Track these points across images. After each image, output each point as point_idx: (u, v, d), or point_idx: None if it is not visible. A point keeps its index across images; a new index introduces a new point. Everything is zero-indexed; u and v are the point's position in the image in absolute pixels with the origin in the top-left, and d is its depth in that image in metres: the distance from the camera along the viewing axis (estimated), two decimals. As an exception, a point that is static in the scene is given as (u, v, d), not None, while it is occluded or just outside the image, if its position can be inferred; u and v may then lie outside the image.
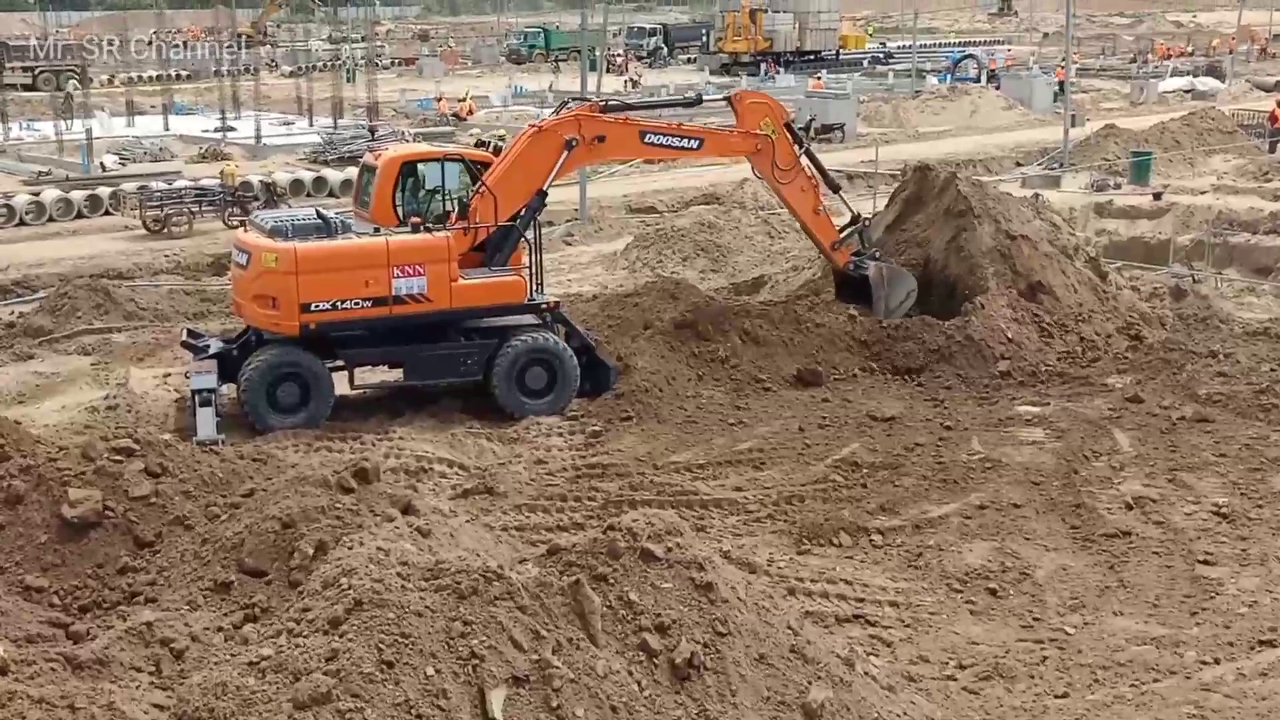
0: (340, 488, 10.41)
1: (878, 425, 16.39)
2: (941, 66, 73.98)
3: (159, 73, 74.76)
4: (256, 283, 16.59)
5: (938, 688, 10.26)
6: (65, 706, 7.11)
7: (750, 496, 14.29)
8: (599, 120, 18.37)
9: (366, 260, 16.55)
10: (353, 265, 16.52)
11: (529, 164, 17.84)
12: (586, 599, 8.08)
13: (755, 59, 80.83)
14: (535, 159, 17.86)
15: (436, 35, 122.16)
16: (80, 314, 22.30)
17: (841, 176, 38.76)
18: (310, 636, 7.64)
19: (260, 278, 16.51)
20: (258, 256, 16.53)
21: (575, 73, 40.12)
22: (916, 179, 21.44)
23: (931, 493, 14.26)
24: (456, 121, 52.97)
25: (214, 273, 27.85)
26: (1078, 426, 16.05)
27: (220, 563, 9.96)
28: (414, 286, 16.62)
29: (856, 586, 12.10)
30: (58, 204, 33.39)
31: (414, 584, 7.91)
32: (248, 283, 16.81)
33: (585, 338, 17.87)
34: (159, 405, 17.39)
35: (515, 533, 13.01)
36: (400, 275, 16.53)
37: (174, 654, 8.71)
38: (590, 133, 18.10)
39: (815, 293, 20.53)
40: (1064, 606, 11.80)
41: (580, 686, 7.65)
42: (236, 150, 44.24)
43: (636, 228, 30.76)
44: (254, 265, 16.57)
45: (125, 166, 40.02)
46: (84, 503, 10.53)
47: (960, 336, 18.58)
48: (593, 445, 15.98)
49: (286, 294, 16.30)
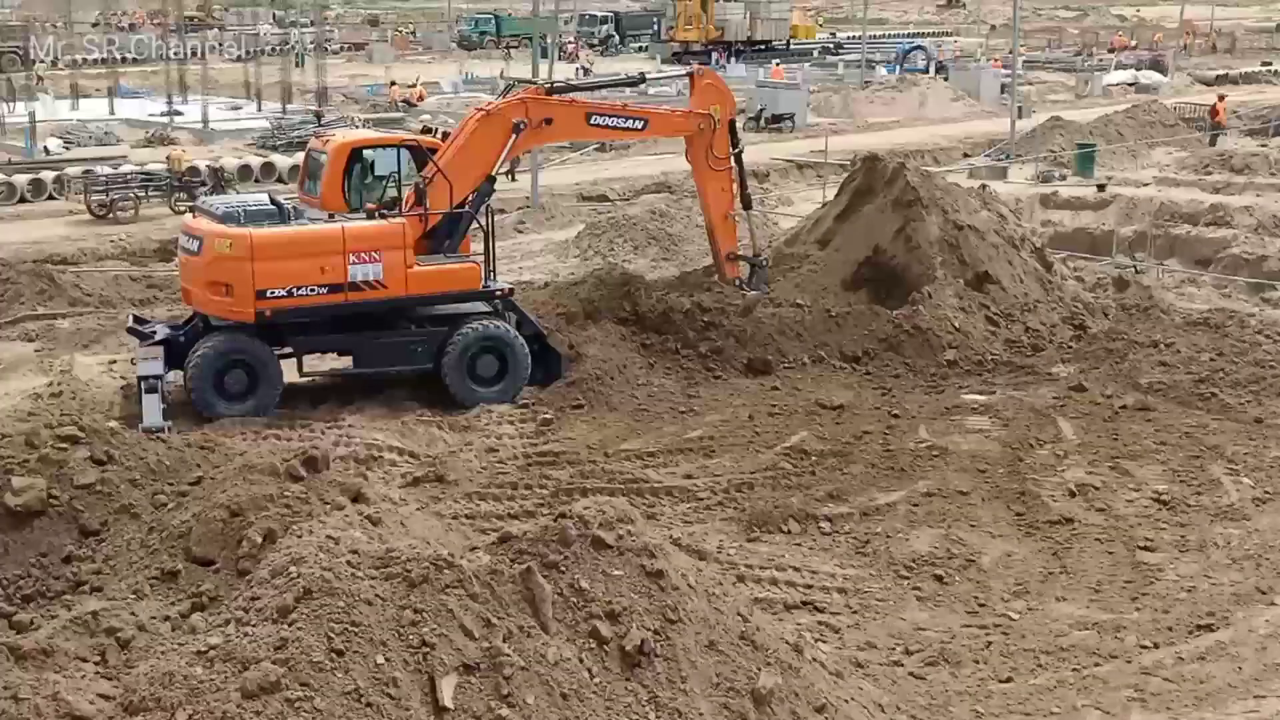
0: (289, 476, 10.35)
1: (826, 413, 16.51)
2: (891, 58, 74.37)
3: (104, 55, 73.73)
4: (209, 269, 16.42)
5: (885, 673, 10.38)
6: (9, 697, 7.04)
7: (700, 484, 14.37)
8: (546, 102, 18.35)
9: (323, 246, 16.45)
10: (309, 252, 16.41)
11: (478, 148, 17.79)
12: (537, 587, 8.10)
13: (706, 48, 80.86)
14: (483, 143, 17.81)
15: (386, 20, 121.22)
16: (24, 300, 22.03)
17: (791, 166, 39.18)
18: (259, 625, 7.61)
19: (213, 264, 16.34)
20: (210, 242, 16.37)
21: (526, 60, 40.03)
22: (865, 169, 21.57)
23: (879, 480, 14.39)
24: (407, 108, 52.63)
25: (160, 259, 27.55)
26: (1023, 415, 16.24)
27: (168, 551, 9.88)
28: (370, 273, 16.54)
29: (805, 573, 12.20)
30: (0, 188, 32.89)
31: (364, 572, 7.89)
32: (199, 269, 16.62)
33: (536, 326, 17.86)
34: (104, 392, 17.19)
35: (466, 521, 13.00)
36: (357, 262, 16.45)
37: (120, 643, 8.63)
38: (537, 115, 18.08)
39: (765, 282, 20.58)
40: (1008, 592, 11.96)
41: (531, 674, 7.68)
42: (184, 135, 43.73)
43: (588, 216, 30.77)
44: (207, 251, 16.40)
45: (70, 150, 39.45)
46: (28, 491, 10.40)
47: (908, 325, 18.75)
48: (544, 433, 15.99)
49: (242, 281, 16.16)
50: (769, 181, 37.34)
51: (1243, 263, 26.62)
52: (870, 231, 20.46)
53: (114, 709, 7.35)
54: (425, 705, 7.38)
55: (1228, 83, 61.25)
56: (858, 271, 20.12)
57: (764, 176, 37.88)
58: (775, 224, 28.88)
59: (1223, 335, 19.30)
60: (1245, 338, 19.13)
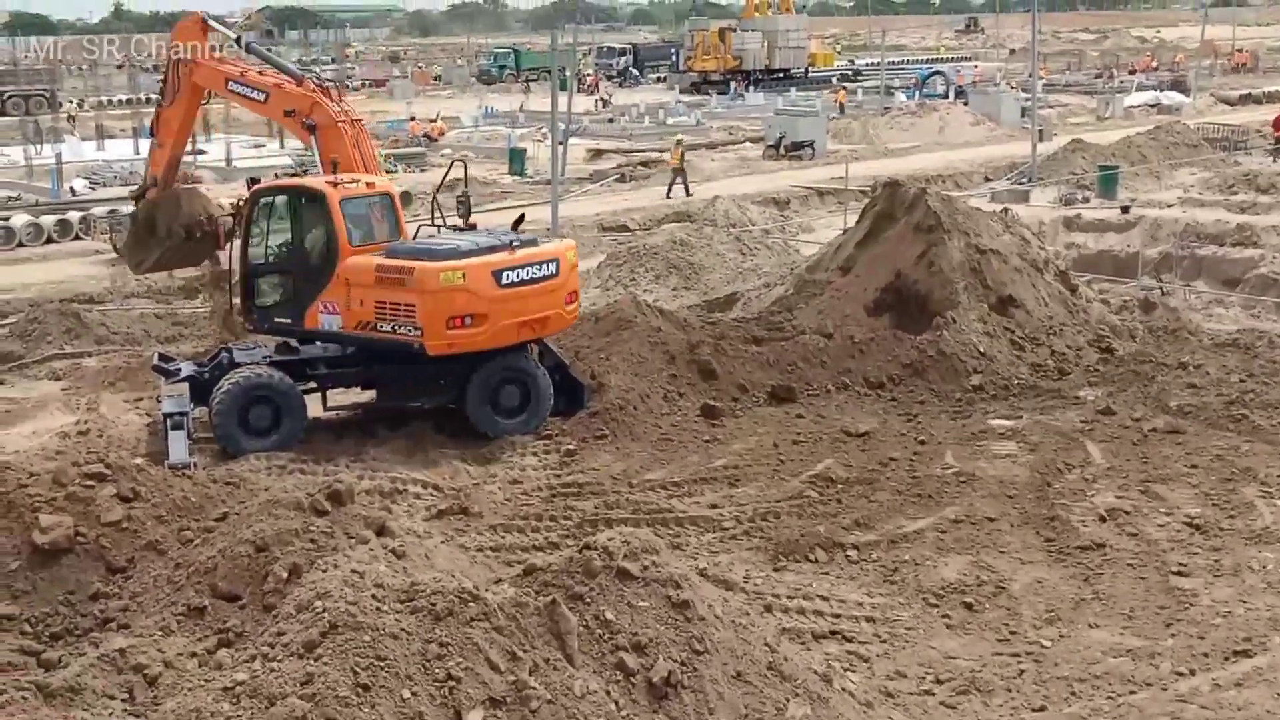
0: (314, 510, 10.36)
1: (852, 440, 16.42)
2: (910, 83, 74.47)
3: (129, 96, 74.38)
4: (568, 283, 17.17)
5: (915, 702, 10.27)
6: (37, 736, 7.04)
7: (726, 513, 14.29)
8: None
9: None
10: None
11: None
12: (563, 619, 8.06)
13: (724, 77, 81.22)
14: None
15: (407, 57, 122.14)
16: (51, 339, 22.14)
17: (812, 193, 39.21)
18: (285, 660, 7.59)
19: (571, 277, 17.23)
20: (566, 262, 17.03)
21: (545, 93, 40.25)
22: (886, 195, 21.51)
23: (906, 507, 14.28)
24: (428, 142, 52.96)
25: (185, 296, 27.70)
26: (1050, 439, 16.12)
27: (194, 588, 9.89)
28: None
29: (833, 602, 12.09)
30: (27, 229, 33.12)
31: (389, 606, 7.88)
32: (559, 288, 17.02)
33: (558, 356, 17.86)
34: (131, 430, 17.25)
35: (490, 553, 12.96)
36: None
37: (147, 680, 8.63)
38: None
39: (788, 309, 20.57)
40: (1039, 619, 11.82)
41: (558, 707, 7.63)
42: (207, 174, 44.03)
43: (609, 246, 30.81)
44: (564, 270, 16.97)
45: (95, 191, 39.78)
46: (55, 529, 10.44)
47: (932, 351, 18.66)
48: (567, 464, 15.94)
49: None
50: (790, 209, 37.36)
51: (1271, 282, 26.41)
52: (892, 257, 20.40)
53: (141, 747, 7.34)
54: (452, 740, 7.34)
55: (1251, 102, 61.10)
56: (880, 297, 20.04)
57: (785, 204, 37.93)
58: (796, 251, 28.88)
59: (1252, 356, 19.14)
60: (1275, 358, 18.95)
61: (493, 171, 46.56)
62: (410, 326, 16.20)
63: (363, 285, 16.45)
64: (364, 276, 16.47)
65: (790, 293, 21.48)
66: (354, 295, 16.52)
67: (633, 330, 18.63)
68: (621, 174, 44.92)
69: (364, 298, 16.46)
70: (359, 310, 16.52)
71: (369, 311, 16.45)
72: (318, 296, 16.80)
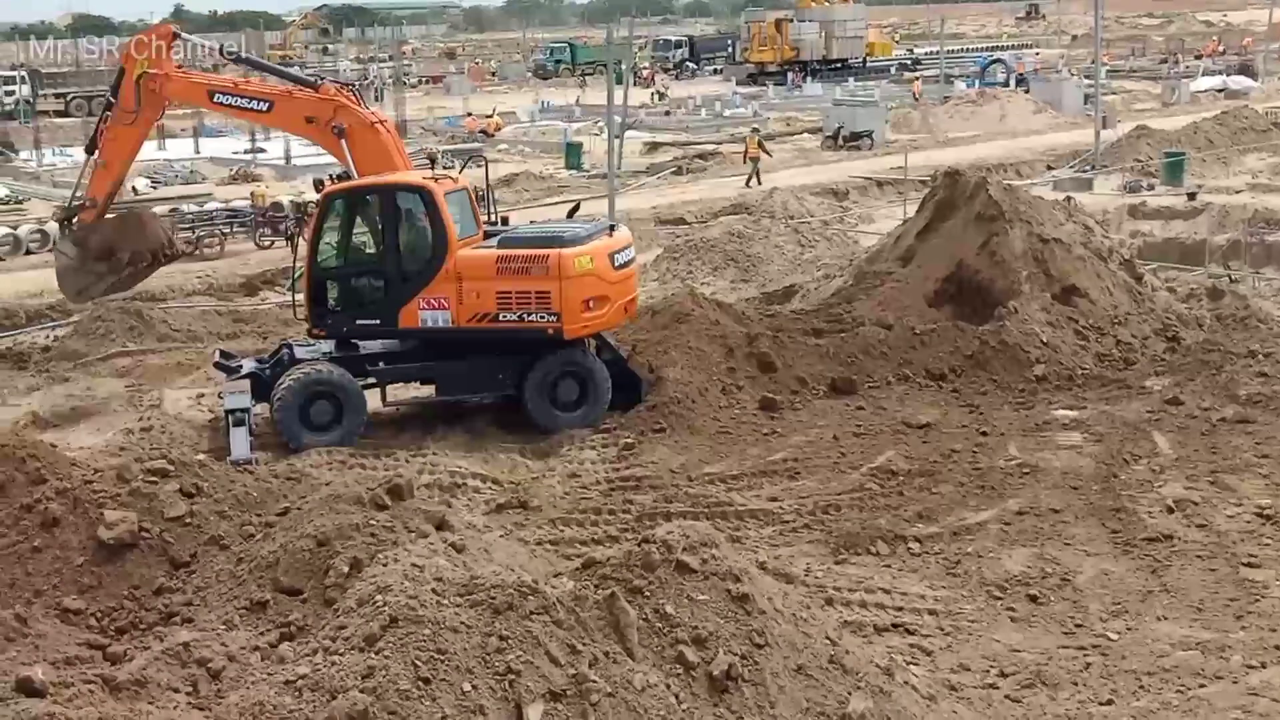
0: (374, 505, 10.40)
1: (913, 432, 16.27)
2: (970, 72, 73.77)
3: (189, 96, 75.06)
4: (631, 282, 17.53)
5: (979, 696, 10.13)
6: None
7: (785, 506, 14.19)
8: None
9: None
10: None
11: None
12: (622, 612, 8.02)
13: (781, 68, 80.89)
14: None
15: (463, 53, 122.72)
16: (114, 337, 22.42)
17: (871, 184, 38.91)
18: (346, 654, 7.62)
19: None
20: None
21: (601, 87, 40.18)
22: (946, 185, 21.32)
23: (969, 499, 14.12)
24: (484, 138, 53.16)
25: (245, 293, 27.98)
26: (1116, 430, 15.88)
27: (256, 582, 9.96)
28: None
29: (895, 595, 11.98)
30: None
31: (449, 600, 7.88)
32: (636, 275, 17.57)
33: (616, 349, 17.84)
34: (193, 426, 17.45)
35: (549, 547, 12.97)
36: None
37: (211, 674, 8.69)
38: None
39: (847, 300, 20.42)
40: (1106, 612, 11.64)
41: (618, 700, 7.60)
42: (267, 171, 44.49)
43: (666, 239, 30.75)
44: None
45: (157, 189, 40.28)
46: (120, 524, 10.55)
47: (994, 341, 18.43)
48: (626, 458, 15.92)
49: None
50: (848, 200, 37.10)
51: (1342, 268, 25.87)
52: (953, 247, 20.20)
53: (205, 739, 7.40)
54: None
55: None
56: (941, 288, 19.85)
57: (843, 195, 37.67)
58: (855, 242, 28.68)
59: (1323, 343, 18.74)
60: (1347, 345, 18.55)
61: (549, 166, 46.66)
62: (545, 313, 16.36)
63: (480, 278, 16.45)
64: (481, 269, 16.48)
65: (849, 284, 21.32)
66: (468, 289, 16.49)
67: (690, 323, 18.55)
68: (678, 167, 44.82)
69: (481, 290, 16.45)
70: (475, 303, 16.49)
71: (488, 303, 16.46)
72: (417, 294, 16.72)
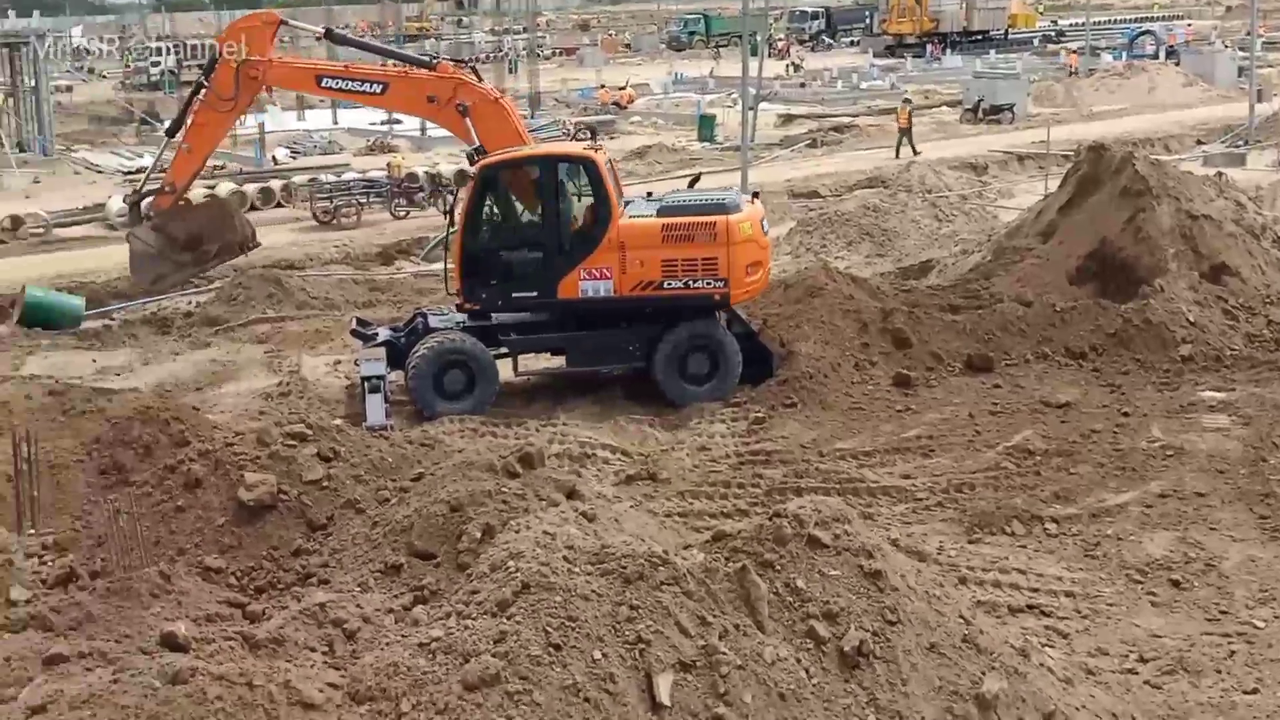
0: (506, 472, 10.49)
1: (1051, 411, 15.87)
2: (1117, 43, 71.66)
3: (329, 69, 76.40)
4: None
5: (1118, 681, 9.87)
6: (244, 684, 7.26)
7: (919, 484, 13.98)
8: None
9: None
10: None
11: None
12: (753, 585, 7.96)
13: (920, 40, 79.51)
14: None
15: (597, 24, 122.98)
16: (254, 303, 22.98)
17: (1011, 158, 38.08)
18: (479, 619, 7.68)
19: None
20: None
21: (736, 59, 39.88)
22: (1091, 159, 20.74)
23: (1109, 481, 13.74)
24: (617, 110, 53.23)
25: (381, 262, 28.45)
26: (1266, 412, 15.28)
27: (390, 545, 10.11)
28: None
29: (1030, 576, 11.72)
30: (232, 196, 34.49)
31: (580, 568, 7.89)
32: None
33: (747, 323, 17.72)
34: (330, 392, 17.80)
35: (679, 519, 12.94)
36: None
37: (346, 634, 8.84)
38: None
39: (985, 276, 20.01)
40: (1253, 599, 11.24)
41: (748, 673, 7.54)
42: (403, 143, 45.14)
43: (799, 212, 30.47)
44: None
45: (296, 160, 41.17)
46: (260, 486, 10.80)
47: (1138, 320, 17.88)
48: (756, 432, 15.82)
49: None
50: (988, 174, 36.36)
51: None
52: (1097, 223, 19.65)
53: (341, 698, 7.52)
54: (643, 702, 7.31)
55: None
56: (1084, 265, 19.34)
57: (982, 169, 36.94)
58: (995, 217, 28.08)
59: None
60: None
61: (681, 138, 46.54)
62: (711, 279, 16.63)
63: (645, 246, 16.62)
64: (646, 237, 16.65)
65: (988, 260, 20.91)
66: (631, 258, 16.64)
67: (824, 297, 18.34)
68: (813, 140, 44.37)
69: (645, 258, 16.62)
70: (639, 271, 16.65)
71: (653, 271, 16.63)
72: (579, 264, 16.84)
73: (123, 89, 66.73)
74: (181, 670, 7.23)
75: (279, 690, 7.34)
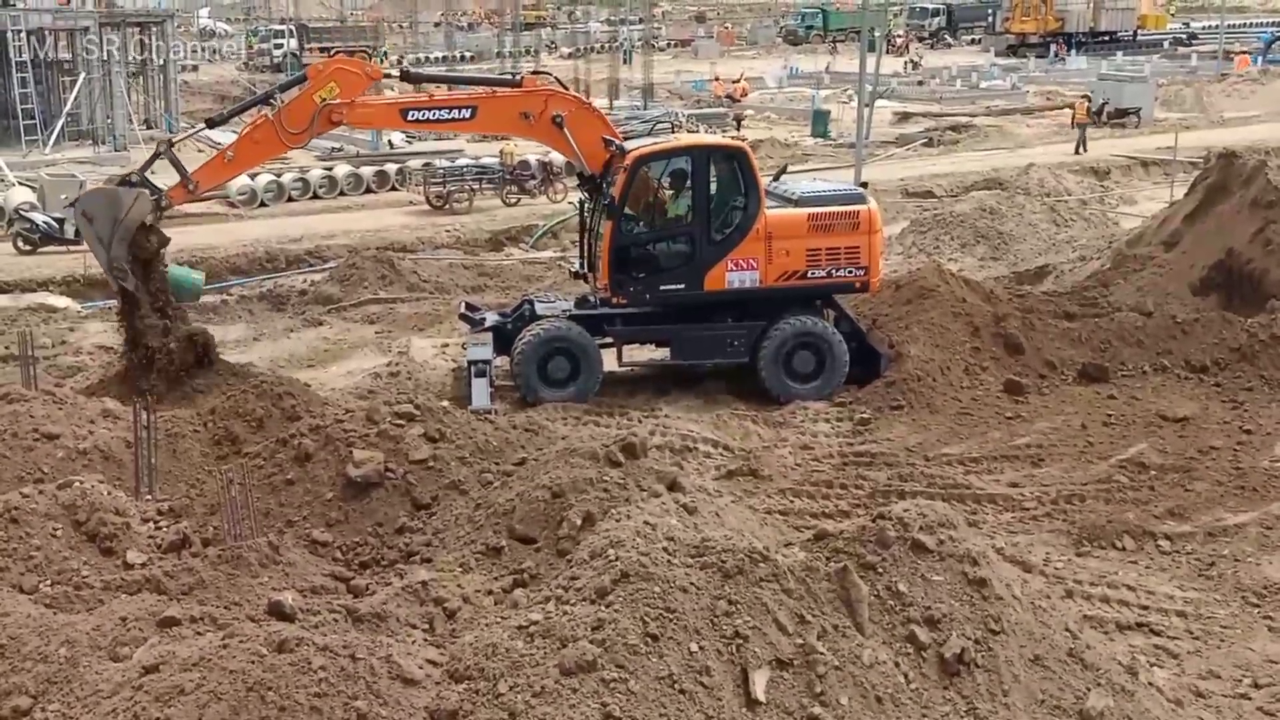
0: (608, 461, 10.49)
1: (1168, 425, 15.45)
2: (1252, 47, 69.61)
3: (445, 54, 77.46)
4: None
5: (1229, 706, 9.57)
6: (347, 656, 7.36)
7: (1027, 493, 13.71)
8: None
9: None
10: None
11: None
12: (854, 586, 7.87)
13: (1044, 40, 78.02)
14: None
15: (714, 16, 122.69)
16: (367, 284, 23.34)
17: (1135, 163, 37.23)
18: (577, 605, 7.69)
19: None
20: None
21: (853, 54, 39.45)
22: (1221, 167, 20.22)
23: (1227, 499, 13.34)
24: (731, 103, 53.06)
25: (491, 248, 28.70)
26: (1395, 435, 14.76)
27: (492, 528, 10.18)
28: None
29: (1140, 593, 11.42)
30: (348, 179, 35.15)
31: (679, 560, 7.87)
32: None
33: (855, 323, 17.54)
34: (437, 374, 18.00)
35: (779, 516, 12.84)
36: None
37: (447, 613, 8.93)
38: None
39: (1103, 284, 19.60)
40: (1374, 628, 10.84)
41: (845, 674, 7.46)
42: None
43: (913, 212, 30.10)
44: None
45: (411, 144, 41.67)
46: (367, 463, 10.95)
47: (1265, 335, 17.29)
48: (861, 433, 15.65)
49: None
50: (1110, 179, 35.58)
51: None
52: (1224, 233, 19.13)
53: (440, 675, 7.60)
54: (738, 697, 7.28)
55: None
56: (1208, 276, 18.86)
57: (1104, 174, 36.16)
58: (1115, 223, 27.47)
59: None
60: None
61: (795, 133, 46.26)
62: (853, 267, 16.98)
63: (791, 237, 16.82)
64: (793, 228, 16.85)
65: (1107, 267, 20.50)
66: (778, 248, 16.79)
67: (935, 299, 18.07)
68: (929, 138, 43.81)
69: (790, 249, 16.80)
70: (784, 261, 16.82)
71: (798, 261, 16.82)
72: (726, 256, 16.86)
73: (245, 70, 68.19)
74: (288, 639, 7.35)
75: (380, 664, 7.44)
